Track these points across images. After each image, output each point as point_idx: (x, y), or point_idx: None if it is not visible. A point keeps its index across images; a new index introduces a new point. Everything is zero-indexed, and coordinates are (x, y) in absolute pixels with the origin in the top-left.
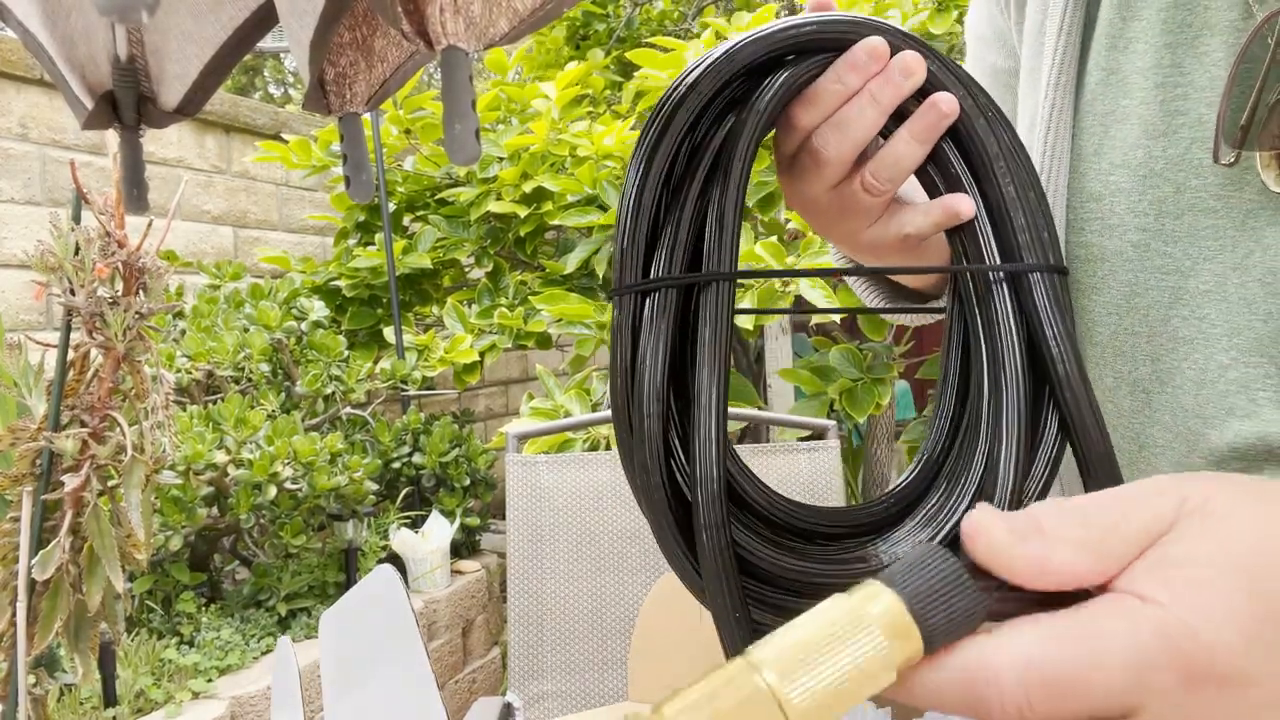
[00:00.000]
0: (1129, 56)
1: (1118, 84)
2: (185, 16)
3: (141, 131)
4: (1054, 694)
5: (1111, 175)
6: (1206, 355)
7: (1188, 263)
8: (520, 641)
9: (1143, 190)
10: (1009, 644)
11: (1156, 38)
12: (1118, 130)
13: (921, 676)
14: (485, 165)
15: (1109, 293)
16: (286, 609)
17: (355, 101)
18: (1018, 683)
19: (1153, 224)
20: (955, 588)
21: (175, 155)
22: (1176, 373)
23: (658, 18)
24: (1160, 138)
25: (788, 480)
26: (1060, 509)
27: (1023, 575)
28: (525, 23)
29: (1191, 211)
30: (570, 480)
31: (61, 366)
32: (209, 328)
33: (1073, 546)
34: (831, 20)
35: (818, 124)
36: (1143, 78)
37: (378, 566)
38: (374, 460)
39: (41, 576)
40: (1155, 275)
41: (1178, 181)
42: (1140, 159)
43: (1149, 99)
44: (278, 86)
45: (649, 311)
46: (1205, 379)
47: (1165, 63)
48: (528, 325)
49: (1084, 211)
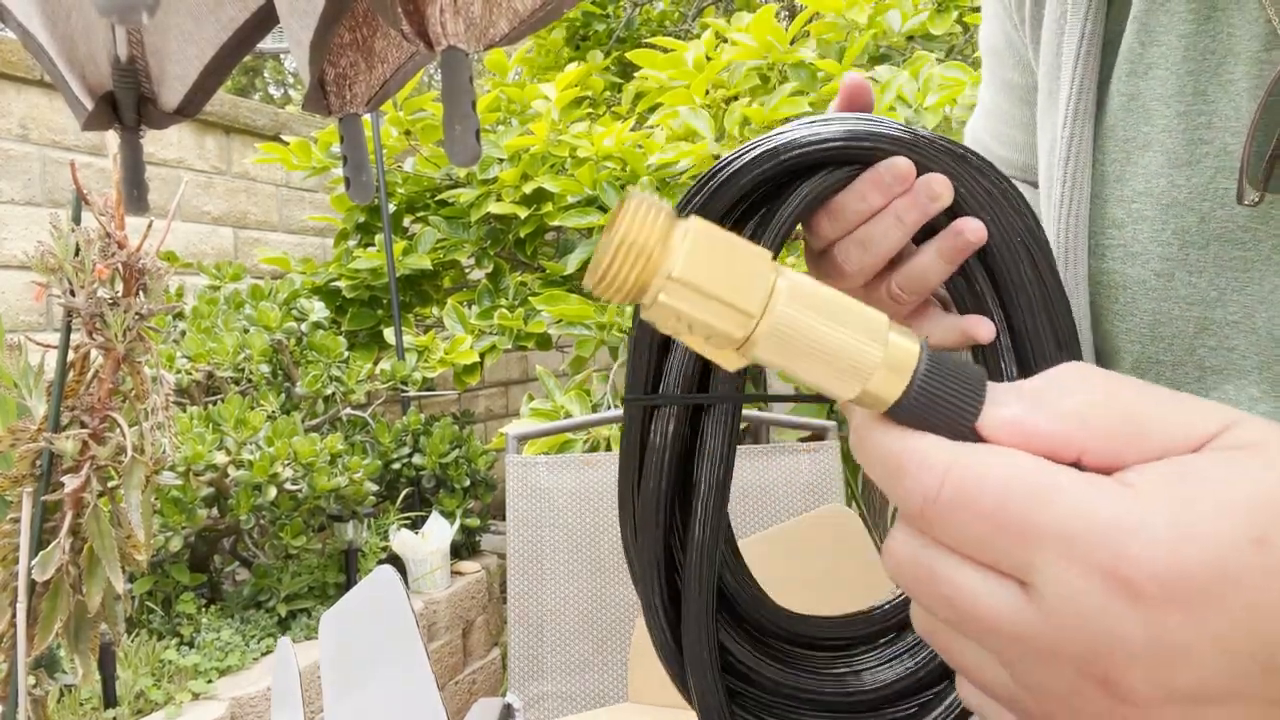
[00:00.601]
0: (1149, 82)
1: (1139, 110)
2: (185, 17)
3: (141, 132)
4: (963, 503)
5: (1134, 203)
6: (1238, 387)
7: (1214, 293)
8: (520, 642)
9: (1165, 219)
10: (956, 448)
11: (1178, 64)
12: (1139, 157)
13: (871, 426)
14: (485, 166)
15: (1132, 320)
16: (286, 610)
17: (355, 102)
18: (939, 475)
19: (1176, 254)
20: (964, 395)
21: (175, 156)
22: None
23: (658, 18)
24: (1184, 167)
25: (788, 481)
26: (1107, 400)
27: (1037, 447)
28: (525, 24)
29: (1218, 242)
30: (570, 481)
31: (61, 367)
32: (209, 329)
33: (1100, 438)
34: (857, 133)
35: (840, 237)
36: (1164, 105)
37: (378, 567)
38: (374, 461)
39: (41, 577)
40: (1180, 305)
41: (1202, 211)
42: (1163, 188)
43: (1171, 127)
44: (278, 87)
45: (656, 424)
46: None
47: (1188, 90)
48: (528, 326)
49: (1105, 238)
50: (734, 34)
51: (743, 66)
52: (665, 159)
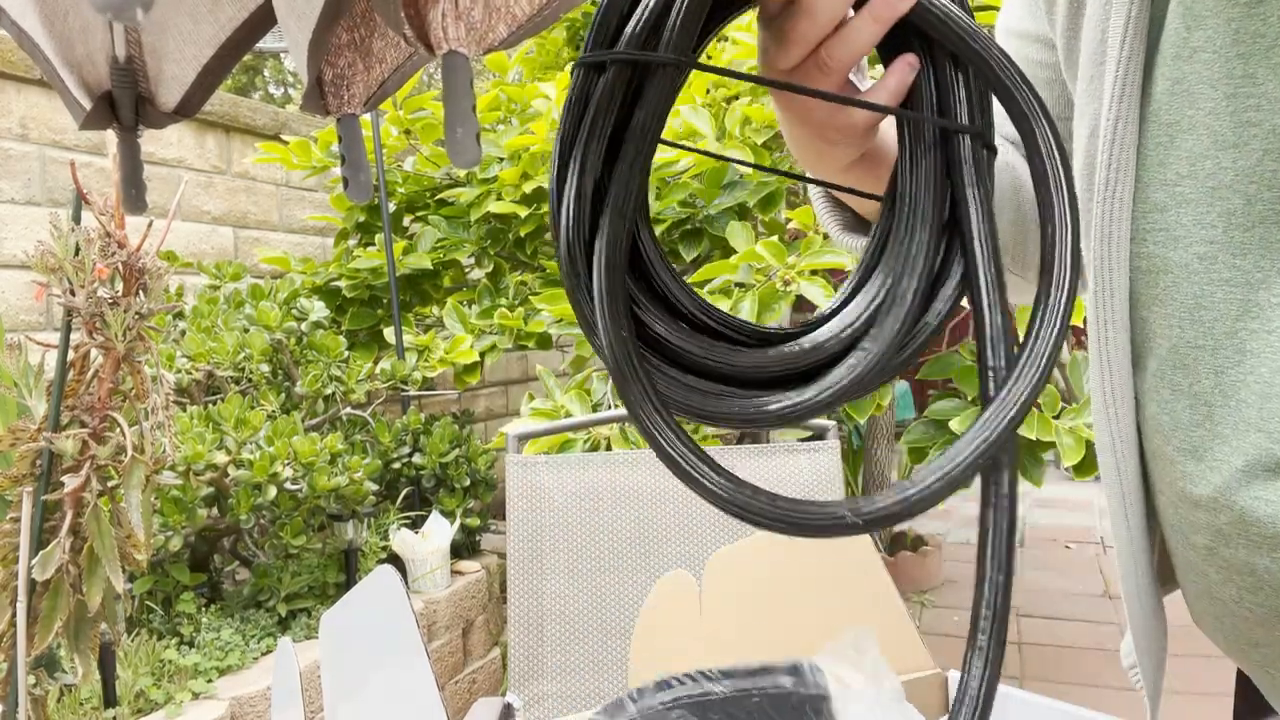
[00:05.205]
0: (1194, 66)
1: (1183, 94)
2: (184, 17)
3: (140, 132)
4: None
5: (1177, 186)
6: (1273, 369)
7: (1259, 275)
8: (520, 642)
9: (1211, 202)
10: None
11: (1227, 47)
12: (1183, 141)
13: None
14: (485, 166)
15: (1172, 304)
16: (286, 609)
17: (353, 102)
18: None
19: (1220, 236)
20: None
21: (175, 155)
22: (1241, 386)
23: None
24: (1230, 149)
25: (788, 480)
26: None
27: None
28: (524, 28)
29: (1264, 223)
30: (570, 481)
31: (61, 367)
32: (209, 328)
33: None
34: None
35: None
36: (1211, 88)
37: (378, 567)
38: (374, 461)
39: (41, 577)
40: (1223, 288)
41: (1249, 194)
42: (1209, 170)
43: (1219, 109)
44: (277, 86)
45: (603, 82)
46: (1271, 393)
47: (1237, 73)
48: (528, 325)
49: (1147, 222)
50: (734, 33)
51: (743, 66)
52: (666, 158)
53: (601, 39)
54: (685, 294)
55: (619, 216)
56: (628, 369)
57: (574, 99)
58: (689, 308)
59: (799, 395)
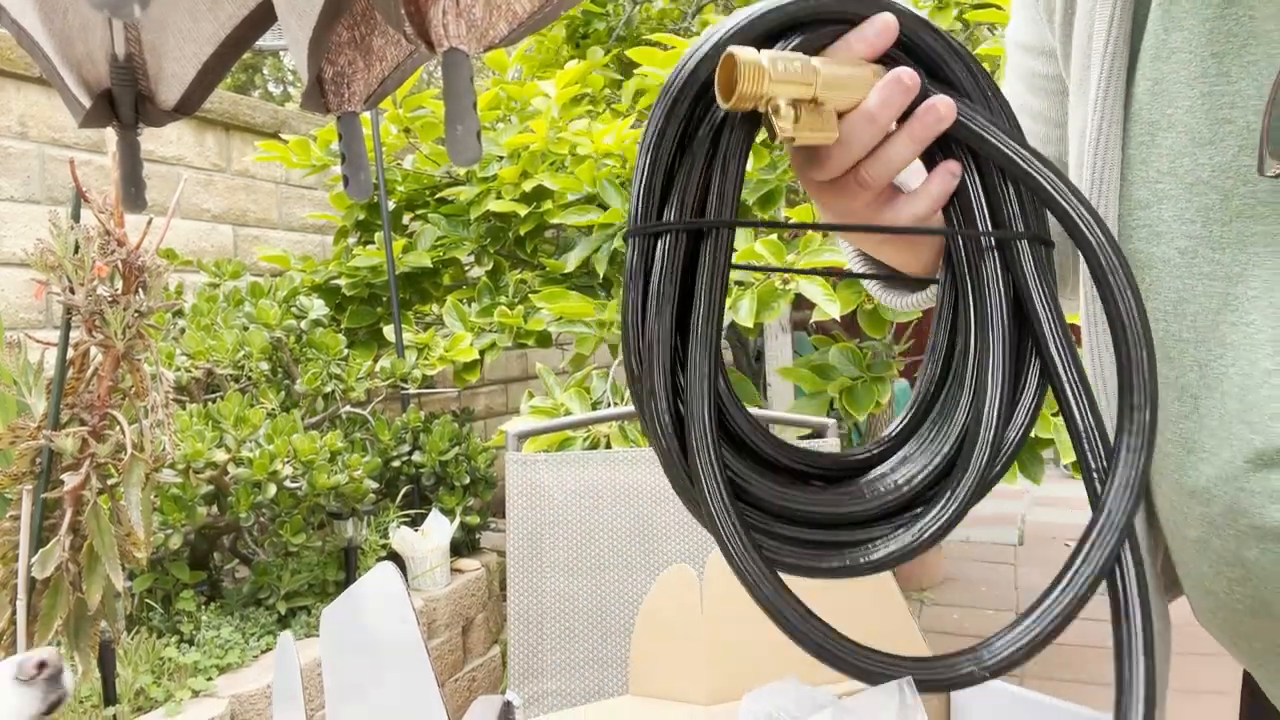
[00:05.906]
0: (1172, 66)
1: (1162, 93)
2: (183, 15)
3: (139, 130)
4: None
5: (1159, 183)
6: (1251, 361)
7: (1236, 269)
8: (520, 640)
9: (1190, 198)
10: None
11: (1201, 47)
12: (1163, 138)
13: None
14: (485, 164)
15: (1157, 299)
16: (286, 607)
17: (353, 100)
18: None
19: (1200, 231)
20: None
21: (175, 153)
22: (1224, 378)
23: (657, 16)
24: (1206, 146)
25: None
26: None
27: None
28: (524, 25)
29: (1240, 218)
30: (570, 479)
31: (61, 365)
32: (209, 326)
33: None
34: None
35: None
36: (1188, 87)
37: (378, 564)
38: (374, 459)
39: (41, 575)
40: (1204, 281)
41: (1225, 189)
42: (1186, 167)
43: (1195, 107)
44: (277, 84)
45: (660, 250)
46: (1250, 384)
47: (1211, 71)
48: (528, 324)
49: (1132, 219)
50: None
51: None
52: None
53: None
54: (762, 437)
55: (702, 396)
56: (753, 570)
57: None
58: (770, 453)
59: (898, 543)
